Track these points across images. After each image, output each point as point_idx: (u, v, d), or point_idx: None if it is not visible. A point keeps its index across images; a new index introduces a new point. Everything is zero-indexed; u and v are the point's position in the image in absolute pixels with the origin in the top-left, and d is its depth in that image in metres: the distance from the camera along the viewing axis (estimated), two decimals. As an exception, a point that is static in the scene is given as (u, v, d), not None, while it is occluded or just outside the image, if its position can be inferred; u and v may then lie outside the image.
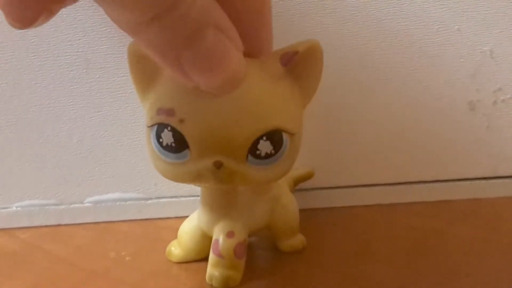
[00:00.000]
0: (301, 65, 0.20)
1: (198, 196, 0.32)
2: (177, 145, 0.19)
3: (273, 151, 0.19)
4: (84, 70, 0.30)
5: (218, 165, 0.18)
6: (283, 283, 0.24)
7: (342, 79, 0.31)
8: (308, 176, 0.31)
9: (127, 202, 0.32)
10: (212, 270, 0.23)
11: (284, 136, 0.19)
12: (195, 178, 0.19)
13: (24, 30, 0.20)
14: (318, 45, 0.20)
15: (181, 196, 0.32)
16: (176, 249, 0.26)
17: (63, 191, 0.32)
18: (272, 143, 0.19)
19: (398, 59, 0.30)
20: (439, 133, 0.32)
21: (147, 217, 0.32)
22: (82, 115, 0.30)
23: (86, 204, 0.32)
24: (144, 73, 0.20)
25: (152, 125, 0.19)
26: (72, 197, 0.32)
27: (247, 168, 0.19)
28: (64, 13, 0.28)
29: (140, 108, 0.30)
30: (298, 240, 0.27)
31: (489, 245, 0.27)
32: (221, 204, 0.23)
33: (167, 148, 0.19)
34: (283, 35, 0.21)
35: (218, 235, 0.23)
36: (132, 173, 0.31)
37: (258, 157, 0.19)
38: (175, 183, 0.31)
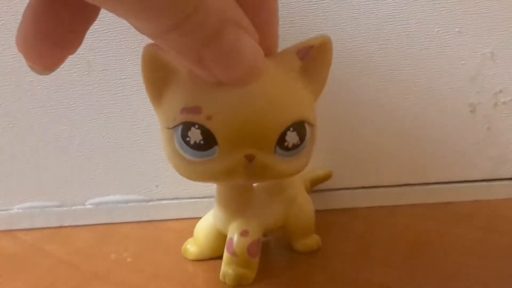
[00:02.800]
0: (314, 59, 0.20)
1: (198, 198, 0.32)
2: (205, 142, 0.18)
3: (299, 142, 0.19)
4: (86, 73, 0.30)
5: (250, 158, 0.18)
6: (283, 283, 0.24)
7: (343, 82, 0.31)
8: (326, 177, 0.31)
9: (128, 204, 0.32)
10: (225, 268, 0.23)
11: (306, 126, 0.19)
12: (225, 174, 0.19)
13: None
14: (329, 40, 0.20)
15: (182, 198, 0.32)
16: (192, 246, 0.26)
17: (65, 193, 0.32)
18: (298, 134, 0.19)
19: (399, 61, 0.30)
20: (439, 135, 0.32)
21: (148, 219, 0.32)
22: (83, 117, 0.30)
23: (88, 206, 0.32)
24: (159, 76, 0.20)
25: (175, 126, 0.19)
26: (74, 199, 0.32)
27: (276, 160, 0.19)
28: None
29: (141, 110, 0.30)
30: (313, 240, 0.27)
31: (489, 247, 0.27)
32: (237, 203, 0.24)
33: (195, 146, 0.19)
34: (285, 36, 0.21)
35: (233, 233, 0.23)
36: (133, 175, 0.32)
37: (286, 148, 0.19)
38: (176, 185, 0.32)
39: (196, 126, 0.18)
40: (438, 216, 0.31)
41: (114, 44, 0.29)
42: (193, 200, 0.32)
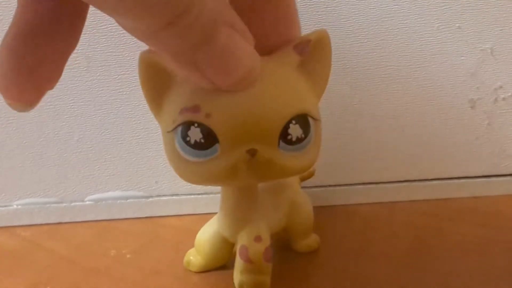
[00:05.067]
0: (313, 54, 0.20)
1: (198, 194, 0.32)
2: (206, 140, 0.18)
3: (303, 135, 0.19)
4: (85, 68, 0.30)
5: (253, 153, 0.18)
6: (282, 281, 0.24)
7: (342, 78, 0.31)
8: (308, 175, 0.31)
9: (128, 200, 0.32)
10: (241, 276, 0.22)
11: (310, 120, 0.19)
12: (228, 172, 0.18)
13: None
14: (326, 34, 0.20)
15: (181, 194, 0.32)
16: (195, 258, 0.25)
17: (64, 189, 0.32)
18: (301, 126, 0.19)
19: (399, 57, 0.30)
20: (439, 131, 0.32)
21: (147, 215, 0.32)
22: (82, 113, 0.30)
23: (87, 202, 0.32)
24: (160, 81, 0.19)
25: (175, 128, 0.18)
26: (73, 195, 0.32)
27: (281, 155, 0.18)
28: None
29: (141, 106, 0.30)
30: (312, 239, 0.27)
31: (489, 243, 0.27)
32: (244, 209, 0.23)
33: (195, 145, 0.18)
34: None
35: (246, 240, 0.22)
36: (133, 171, 0.32)
37: (290, 142, 0.19)
38: (176, 181, 0.31)
39: (196, 125, 0.18)
40: (438, 212, 0.31)
41: (114, 40, 0.29)
42: (192, 196, 0.32)
